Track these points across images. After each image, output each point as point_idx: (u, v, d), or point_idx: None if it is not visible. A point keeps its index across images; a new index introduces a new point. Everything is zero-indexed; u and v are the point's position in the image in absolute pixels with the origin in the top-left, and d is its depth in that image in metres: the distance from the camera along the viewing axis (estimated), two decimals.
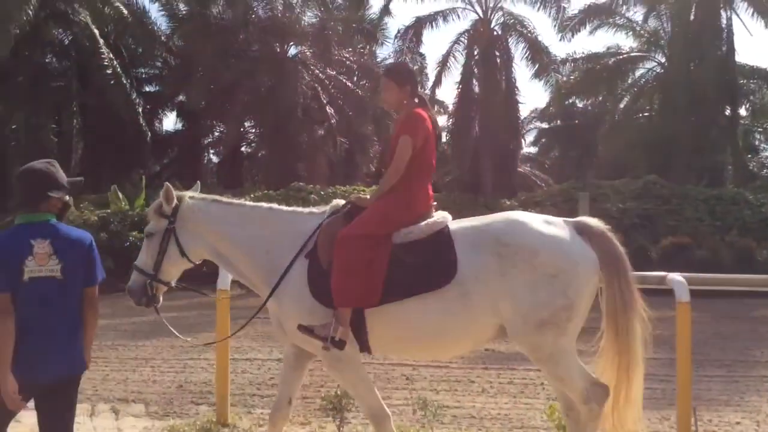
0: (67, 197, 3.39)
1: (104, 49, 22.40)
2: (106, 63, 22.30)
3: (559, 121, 36.87)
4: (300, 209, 4.33)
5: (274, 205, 4.34)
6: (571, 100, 30.02)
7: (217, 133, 30.59)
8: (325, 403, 5.12)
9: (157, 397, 6.37)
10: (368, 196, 4.08)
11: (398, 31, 26.84)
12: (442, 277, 3.69)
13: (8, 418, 3.22)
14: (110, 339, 9.08)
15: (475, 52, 24.82)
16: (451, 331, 3.77)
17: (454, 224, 3.94)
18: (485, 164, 23.42)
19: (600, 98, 30.06)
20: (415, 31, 26.15)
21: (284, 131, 23.15)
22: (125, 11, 23.92)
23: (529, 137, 38.90)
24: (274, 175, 23.47)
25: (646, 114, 26.78)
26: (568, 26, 24.73)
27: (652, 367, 7.67)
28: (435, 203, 4.12)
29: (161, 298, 4.21)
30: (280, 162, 23.64)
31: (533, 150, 41.39)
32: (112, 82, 22.49)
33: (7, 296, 3.10)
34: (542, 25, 44.94)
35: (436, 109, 31.30)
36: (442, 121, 37.27)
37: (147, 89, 29.00)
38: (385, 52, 34.11)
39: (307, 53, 25.09)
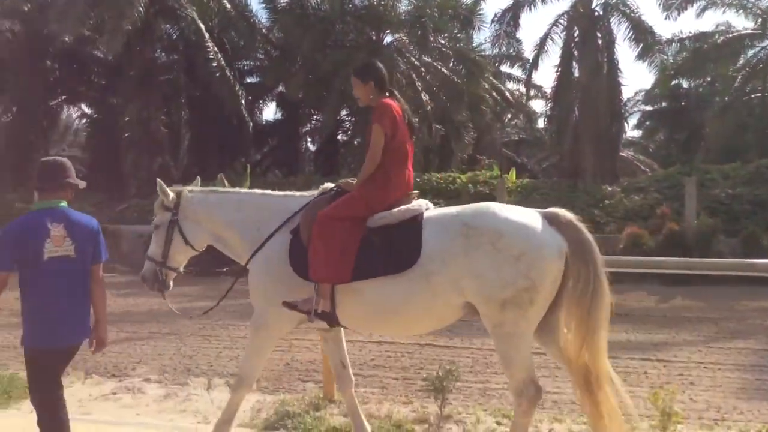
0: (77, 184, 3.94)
1: (209, 43, 23.35)
2: (211, 56, 23.24)
3: (664, 104, 35.39)
4: (293, 192, 4.59)
5: (267, 191, 4.68)
6: (676, 82, 28.75)
7: (314, 122, 31.26)
8: (426, 384, 5.26)
9: (266, 373, 6.69)
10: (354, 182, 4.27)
11: (495, 15, 26.59)
12: (406, 262, 3.86)
13: (51, 376, 3.77)
14: (221, 319, 9.58)
15: (575, 34, 24.22)
16: (413, 309, 3.92)
17: (432, 212, 4.11)
18: (585, 149, 22.88)
19: (708, 79, 28.66)
20: (512, 13, 25.82)
21: None
22: (228, 5, 24.82)
23: (632, 120, 37.60)
24: None
25: (758, 95, 25.31)
26: (673, 5, 23.68)
27: (763, 359, 7.44)
28: (417, 192, 4.28)
29: (171, 284, 4.59)
30: None
31: (637, 134, 40.00)
32: (217, 74, 23.42)
33: (5, 275, 3.65)
34: (646, 4, 43.19)
35: (533, 93, 30.87)
36: (540, 106, 36.68)
37: (249, 81, 29.97)
38: (482, 36, 33.78)
39: (404, 40, 25.22)
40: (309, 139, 34.06)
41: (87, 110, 31.80)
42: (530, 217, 3.88)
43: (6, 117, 26.14)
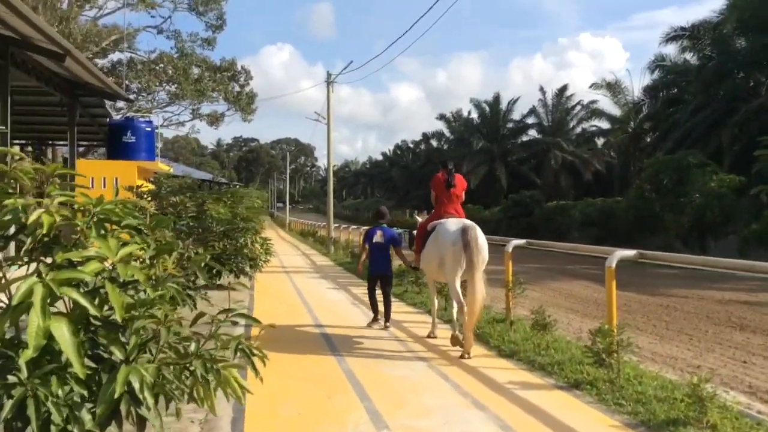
0: (389, 218, 10.47)
1: None
2: None
3: None
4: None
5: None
6: None
7: None
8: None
9: None
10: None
11: None
12: (426, 244, 8.39)
13: (373, 284, 10.10)
14: None
15: None
16: (430, 264, 8.39)
17: (442, 223, 8.25)
18: None
19: None
20: None
21: None
22: None
23: None
24: None
25: None
26: None
27: None
28: (454, 213, 8.45)
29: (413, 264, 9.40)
30: None
31: None
32: None
33: (366, 246, 10.05)
34: None
35: None
36: None
37: None
38: None
39: None
40: None
41: None
42: (453, 226, 7.95)
43: None
